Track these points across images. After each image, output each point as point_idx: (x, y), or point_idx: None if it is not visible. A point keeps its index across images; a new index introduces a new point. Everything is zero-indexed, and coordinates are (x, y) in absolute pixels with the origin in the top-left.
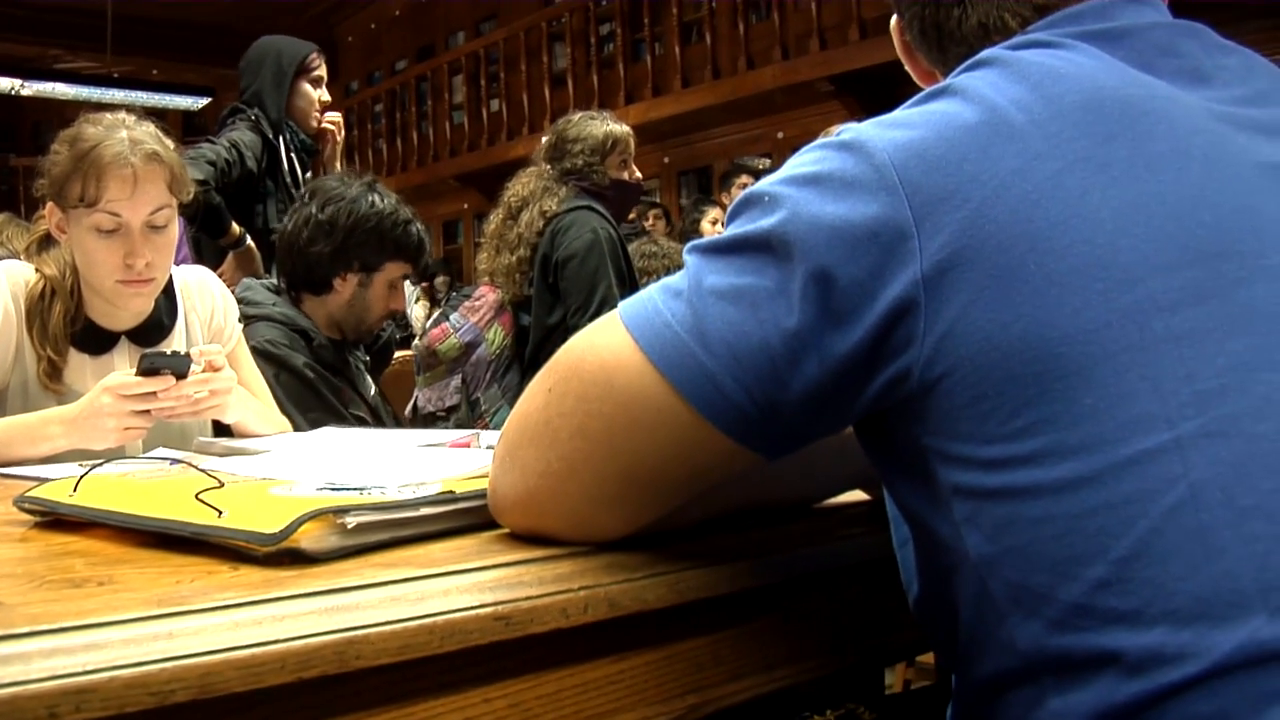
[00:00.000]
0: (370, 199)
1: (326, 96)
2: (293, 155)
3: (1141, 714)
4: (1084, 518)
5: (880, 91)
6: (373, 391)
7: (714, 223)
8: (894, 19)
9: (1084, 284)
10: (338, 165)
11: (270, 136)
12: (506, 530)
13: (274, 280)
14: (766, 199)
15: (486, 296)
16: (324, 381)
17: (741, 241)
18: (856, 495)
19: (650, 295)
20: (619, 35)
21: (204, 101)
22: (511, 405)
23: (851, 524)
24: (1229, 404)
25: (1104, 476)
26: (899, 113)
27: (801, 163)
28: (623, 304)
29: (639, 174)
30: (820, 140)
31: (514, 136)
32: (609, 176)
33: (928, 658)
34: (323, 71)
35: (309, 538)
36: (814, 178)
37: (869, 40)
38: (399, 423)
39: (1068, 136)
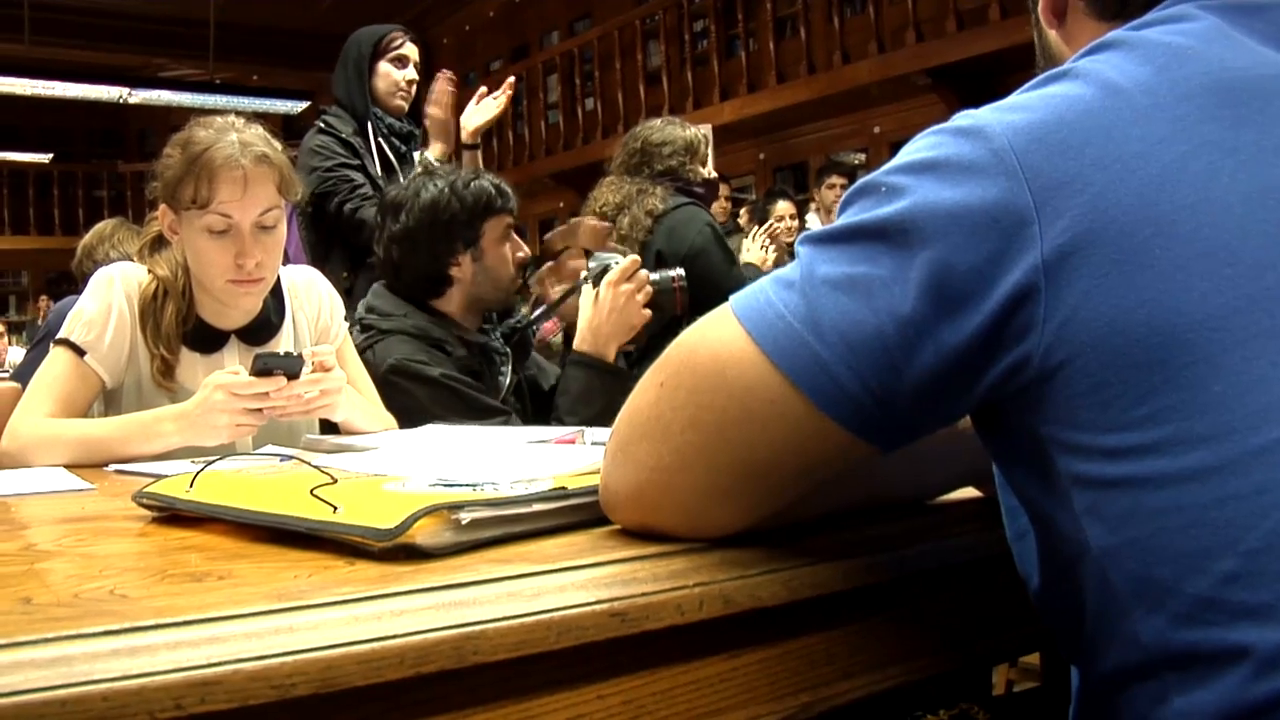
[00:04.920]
0: (429, 188)
1: (412, 75)
2: (380, 141)
3: (1271, 713)
4: (1212, 508)
5: (978, 84)
6: (509, 382)
7: (780, 218)
8: None
9: (1212, 269)
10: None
11: (346, 134)
12: (618, 526)
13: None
14: (882, 188)
15: None
16: (464, 384)
17: (855, 230)
18: (968, 492)
19: (762, 287)
20: (713, 32)
21: (303, 105)
22: None
23: (964, 521)
24: None
25: (1233, 466)
26: (1017, 96)
27: (917, 149)
28: (734, 296)
29: (714, 172)
30: (936, 126)
31: (609, 135)
32: (700, 175)
33: (1032, 658)
34: (406, 50)
35: (424, 533)
36: (931, 164)
37: (966, 32)
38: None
39: (1194, 120)
